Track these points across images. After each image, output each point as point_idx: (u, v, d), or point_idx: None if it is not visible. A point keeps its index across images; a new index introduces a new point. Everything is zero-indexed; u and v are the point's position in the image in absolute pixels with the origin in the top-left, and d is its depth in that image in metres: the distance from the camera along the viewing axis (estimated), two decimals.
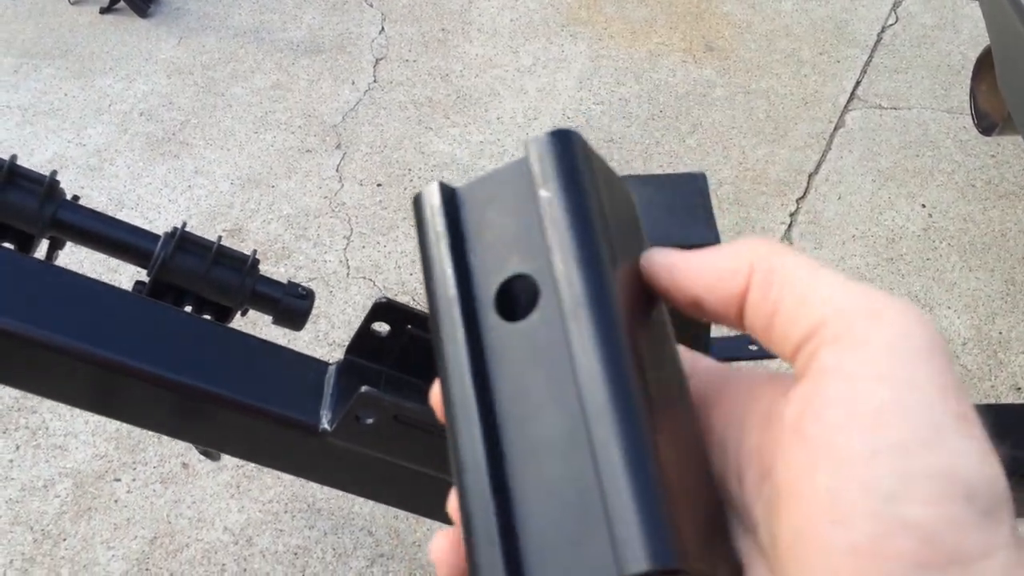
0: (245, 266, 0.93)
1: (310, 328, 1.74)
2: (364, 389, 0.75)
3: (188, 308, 0.92)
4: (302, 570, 1.46)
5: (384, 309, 0.83)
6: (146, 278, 0.90)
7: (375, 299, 0.83)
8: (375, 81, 2.38)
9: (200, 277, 0.90)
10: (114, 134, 2.23)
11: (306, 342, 1.73)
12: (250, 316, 1.04)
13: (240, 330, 0.87)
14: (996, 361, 1.75)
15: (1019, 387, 1.71)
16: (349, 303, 1.84)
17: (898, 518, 0.22)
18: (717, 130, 2.23)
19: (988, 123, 1.39)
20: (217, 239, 0.92)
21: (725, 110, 2.28)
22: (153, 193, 2.08)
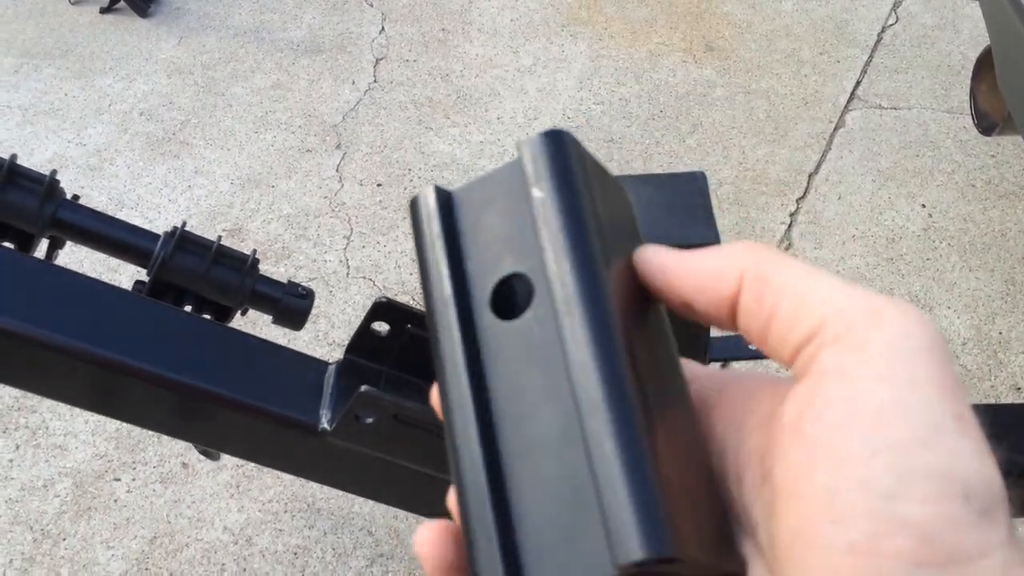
0: (245, 266, 0.93)
1: (310, 328, 1.74)
2: (364, 388, 0.75)
3: (188, 308, 0.92)
4: (302, 570, 1.46)
5: (384, 309, 0.83)
6: (146, 278, 0.90)
7: (375, 299, 0.83)
8: (375, 81, 2.38)
9: (200, 277, 0.90)
10: (114, 134, 2.23)
11: (306, 342, 1.73)
12: (250, 316, 1.04)
13: (240, 330, 0.87)
14: (996, 361, 1.75)
15: (1019, 387, 1.71)
16: (349, 303, 1.84)
17: (897, 517, 0.22)
18: (717, 130, 2.23)
19: (988, 123, 1.39)
20: (217, 239, 0.92)
21: (725, 110, 2.28)
22: (153, 193, 2.08)
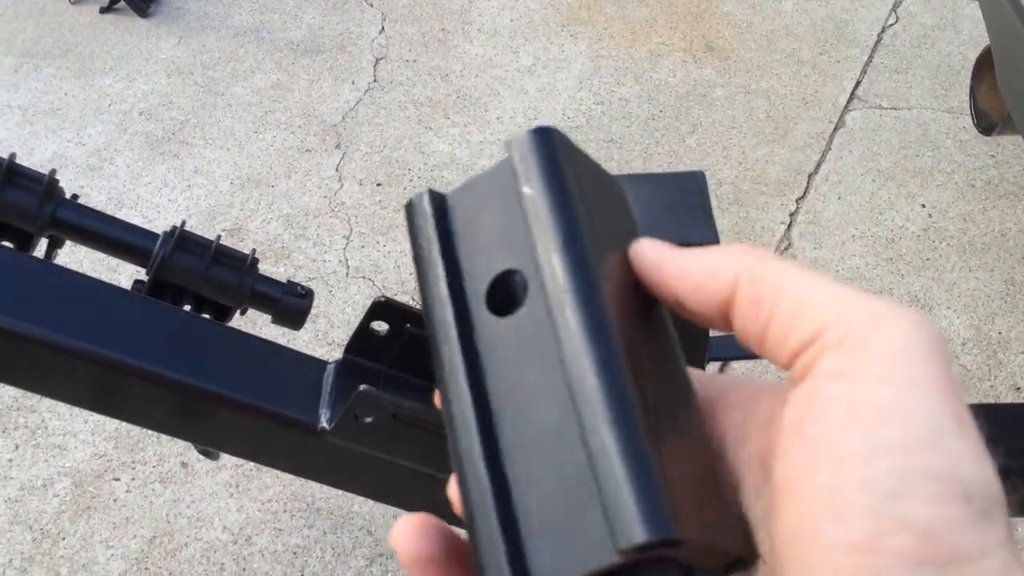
0: (244, 265, 0.93)
1: (309, 327, 1.74)
2: (363, 388, 0.75)
3: (187, 307, 0.92)
4: (301, 569, 1.46)
5: (383, 308, 0.83)
6: (145, 277, 0.90)
7: (374, 298, 0.83)
8: (375, 81, 2.38)
9: (199, 276, 0.90)
10: (114, 133, 2.23)
11: (305, 341, 1.73)
12: (249, 315, 1.04)
13: (239, 329, 0.87)
14: (996, 361, 1.75)
15: (1018, 387, 1.71)
16: (348, 302, 1.84)
17: (898, 516, 0.22)
18: (717, 130, 2.23)
19: (988, 123, 1.39)
20: (216, 238, 0.92)
21: (725, 110, 2.28)
22: (153, 192, 2.08)
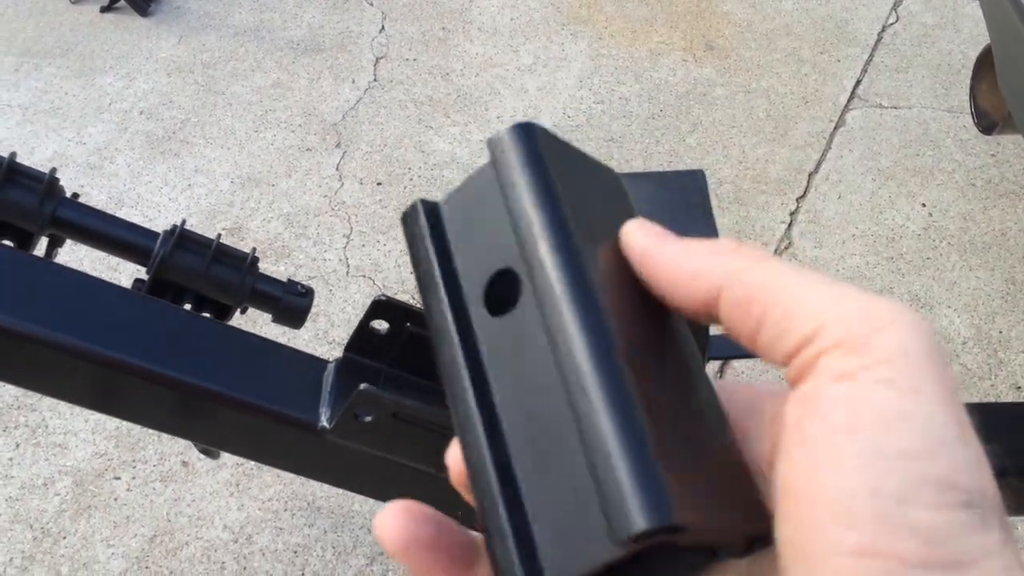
0: (245, 264, 0.93)
1: (310, 326, 1.74)
2: (363, 387, 0.75)
3: (187, 306, 0.92)
4: (302, 568, 1.47)
5: (383, 307, 0.83)
6: (146, 276, 0.90)
7: (374, 297, 0.83)
8: (375, 80, 2.38)
9: (200, 275, 0.90)
10: (114, 132, 2.23)
11: (306, 340, 1.73)
12: (250, 314, 1.04)
13: (239, 328, 0.87)
14: (996, 360, 1.75)
15: (1019, 386, 1.71)
16: (349, 301, 1.84)
17: (903, 521, 0.22)
18: (717, 129, 2.23)
19: (988, 122, 1.39)
20: (217, 237, 0.92)
21: (725, 109, 2.28)
22: (153, 191, 2.08)
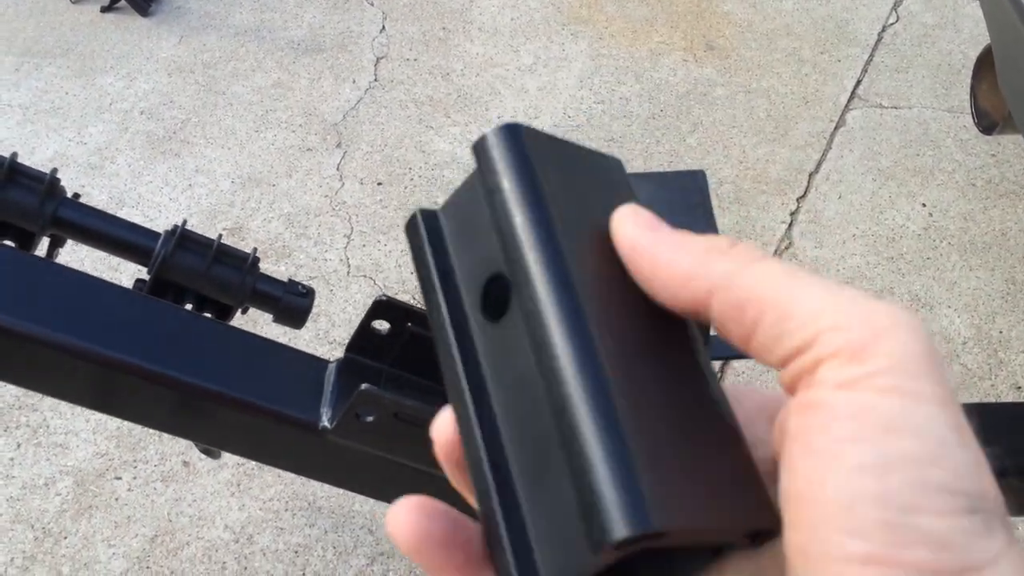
0: (245, 264, 0.93)
1: (310, 326, 1.74)
2: (364, 387, 0.75)
3: (189, 306, 0.92)
4: (303, 568, 1.47)
5: (384, 307, 0.83)
6: (147, 276, 0.90)
7: (375, 297, 0.83)
8: (376, 80, 2.38)
9: (201, 275, 0.90)
10: (115, 132, 2.23)
11: (306, 340, 1.73)
12: (251, 314, 1.04)
13: (241, 328, 0.87)
14: (996, 360, 1.75)
15: (1019, 386, 1.71)
16: (349, 301, 1.84)
17: (913, 529, 0.22)
18: (718, 129, 2.23)
19: (988, 122, 1.39)
20: (218, 237, 0.92)
21: (726, 109, 2.28)
22: (154, 191, 2.08)
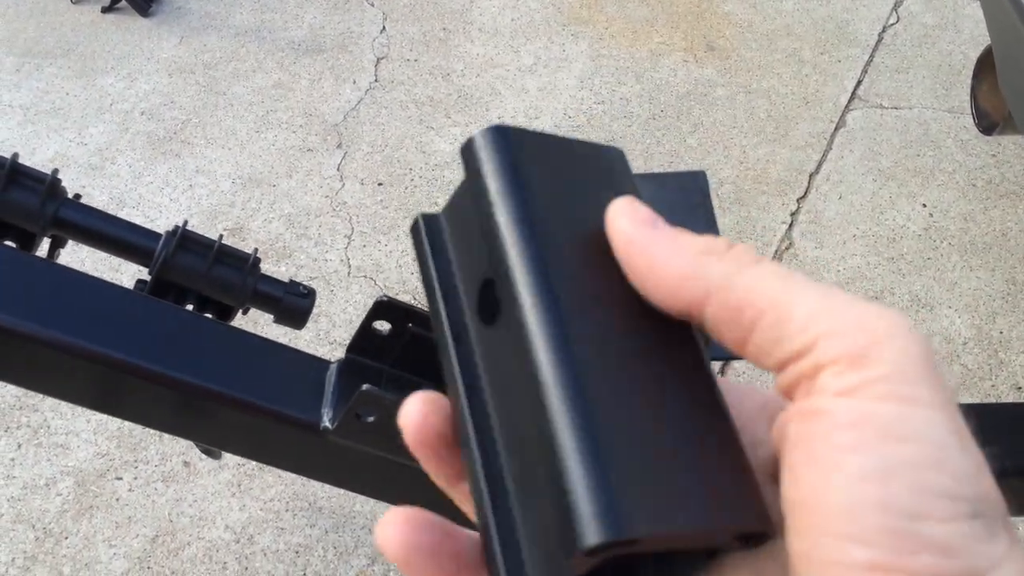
0: (246, 265, 0.93)
1: (311, 327, 1.74)
2: (365, 387, 0.75)
3: (190, 307, 0.92)
4: (303, 568, 1.47)
5: (385, 308, 0.83)
6: (148, 276, 0.90)
7: (376, 298, 0.83)
8: (376, 80, 2.38)
9: (202, 276, 0.90)
10: (115, 133, 2.23)
11: (307, 341, 1.73)
12: (251, 315, 1.04)
13: (241, 329, 0.87)
14: (997, 361, 1.75)
15: (1019, 386, 1.71)
16: (350, 302, 1.84)
17: (918, 536, 0.22)
18: (718, 130, 2.23)
19: (989, 123, 1.39)
20: (218, 238, 0.92)
21: (726, 110, 2.28)
22: (154, 192, 2.08)
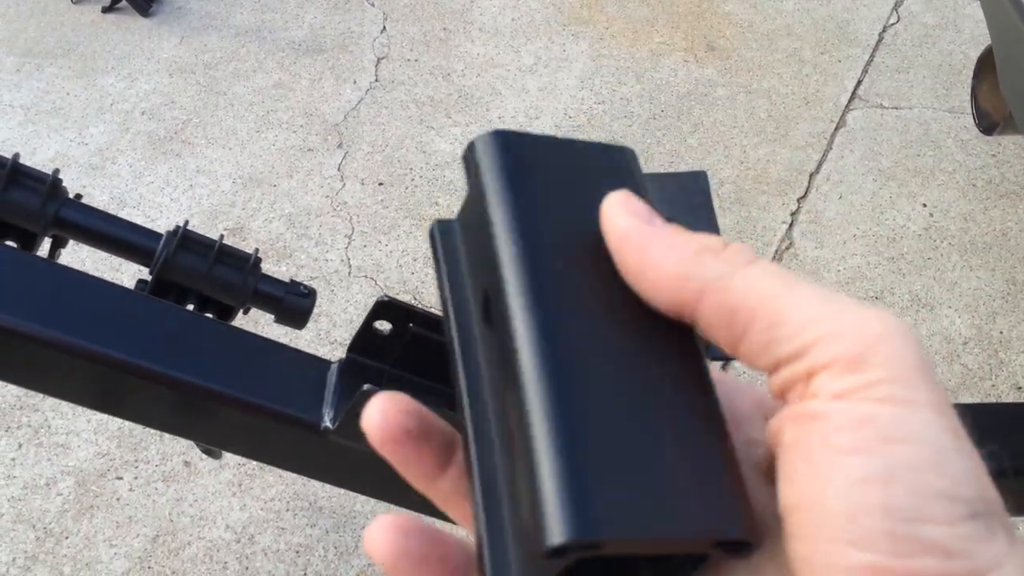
0: (247, 265, 0.93)
1: (312, 327, 1.74)
2: (366, 387, 0.75)
3: (190, 306, 0.92)
4: (304, 568, 1.47)
5: (386, 308, 0.83)
6: (148, 276, 0.90)
7: (377, 298, 0.83)
8: (377, 80, 2.38)
9: (202, 276, 0.90)
10: (116, 133, 2.23)
11: (308, 341, 1.73)
12: (252, 315, 1.04)
13: (242, 328, 0.87)
14: (997, 360, 1.75)
15: (1020, 386, 1.71)
16: (351, 302, 1.84)
17: (918, 539, 0.22)
18: (718, 129, 2.23)
19: (989, 123, 1.39)
20: (219, 238, 0.92)
21: (726, 110, 2.28)
22: (155, 192, 2.09)
